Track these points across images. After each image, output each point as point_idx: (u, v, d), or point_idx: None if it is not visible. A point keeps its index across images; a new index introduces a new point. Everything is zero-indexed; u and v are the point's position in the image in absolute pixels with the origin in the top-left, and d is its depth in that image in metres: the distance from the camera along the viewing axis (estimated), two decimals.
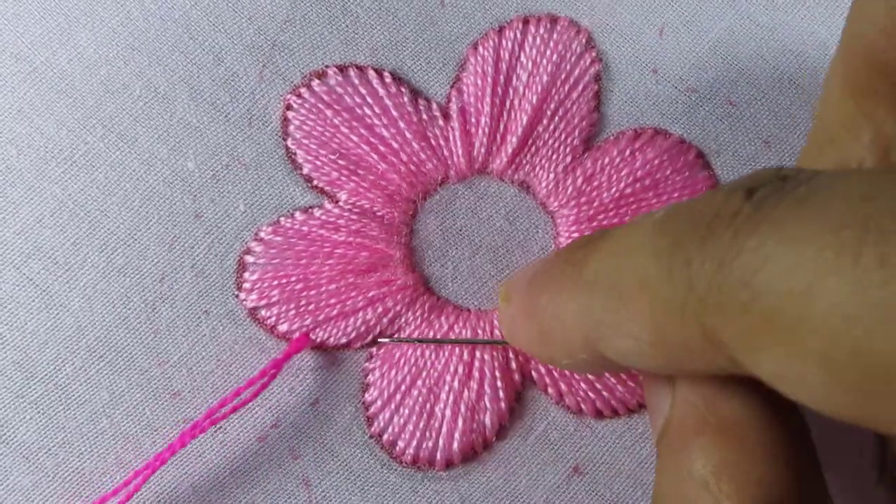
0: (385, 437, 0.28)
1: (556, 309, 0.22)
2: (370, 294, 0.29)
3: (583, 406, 0.29)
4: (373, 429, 0.28)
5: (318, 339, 0.28)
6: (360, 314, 0.29)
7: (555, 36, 0.31)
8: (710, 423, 0.20)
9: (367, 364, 0.29)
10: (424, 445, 0.28)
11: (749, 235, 0.16)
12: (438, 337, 0.29)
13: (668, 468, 0.20)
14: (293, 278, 0.29)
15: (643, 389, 0.25)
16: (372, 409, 0.28)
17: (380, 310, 0.29)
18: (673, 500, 0.20)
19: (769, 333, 0.15)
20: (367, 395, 0.29)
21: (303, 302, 0.28)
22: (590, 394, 0.29)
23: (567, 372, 0.29)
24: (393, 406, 0.28)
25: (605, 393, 0.29)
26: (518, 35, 0.31)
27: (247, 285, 0.29)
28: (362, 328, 0.29)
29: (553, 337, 0.22)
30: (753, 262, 0.15)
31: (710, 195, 0.17)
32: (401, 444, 0.28)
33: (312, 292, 0.28)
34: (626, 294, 0.19)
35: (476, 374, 0.29)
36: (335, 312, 0.28)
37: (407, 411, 0.28)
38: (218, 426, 0.28)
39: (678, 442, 0.20)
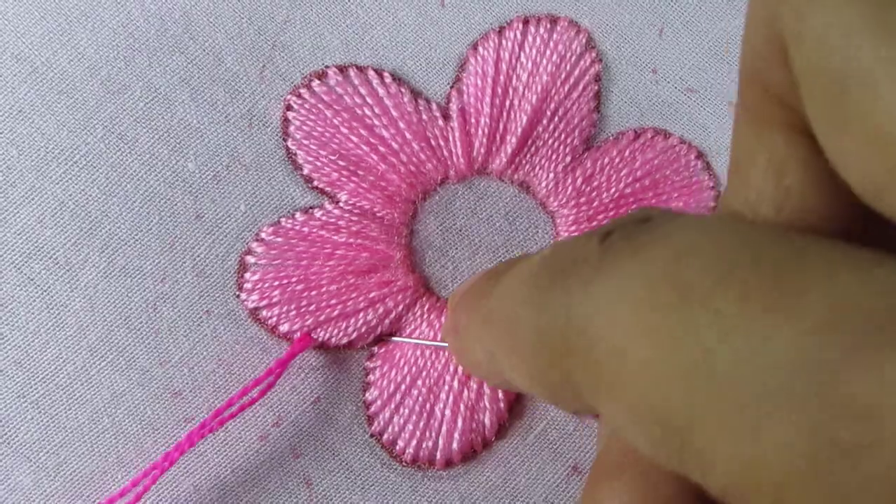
0: (385, 436, 0.28)
1: (469, 334, 0.22)
2: (371, 295, 0.29)
3: None
4: (373, 428, 0.28)
5: (320, 340, 0.29)
6: (362, 315, 0.29)
7: (555, 36, 0.31)
8: (626, 466, 0.19)
9: (368, 363, 0.29)
10: (424, 445, 0.28)
11: (589, 283, 0.16)
12: (440, 338, 0.29)
13: (589, 497, 0.20)
14: (294, 279, 0.29)
15: None
16: (372, 409, 0.29)
17: (381, 310, 0.29)
18: None
19: (600, 384, 0.15)
20: (367, 394, 0.29)
21: (304, 302, 0.29)
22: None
23: None
24: (393, 405, 0.29)
25: None
26: (518, 35, 0.31)
27: (248, 286, 0.29)
28: (363, 328, 0.29)
29: (469, 359, 0.23)
30: (589, 312, 0.15)
31: (579, 236, 0.17)
32: (401, 443, 0.28)
33: (313, 293, 0.29)
34: (509, 331, 0.19)
35: None
36: (336, 313, 0.29)
37: (407, 411, 0.29)
38: None
39: (597, 476, 0.20)
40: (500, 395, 0.29)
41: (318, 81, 0.30)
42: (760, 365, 0.12)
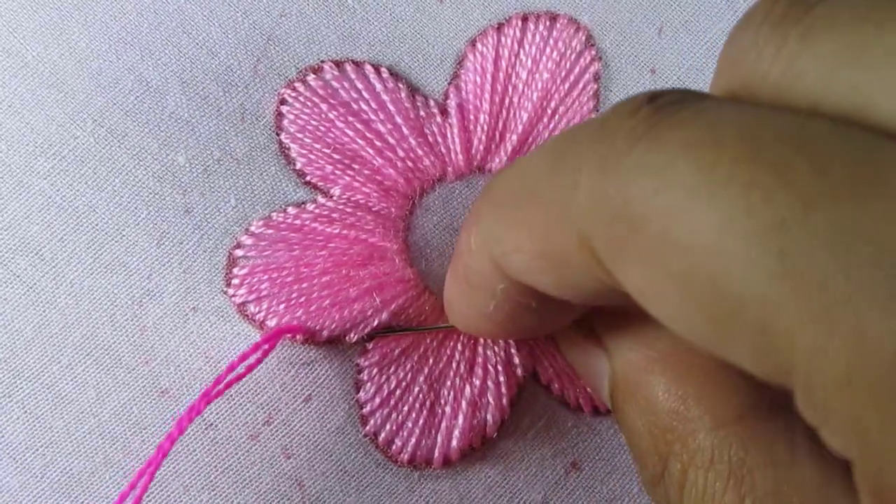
0: (381, 435, 0.28)
1: (469, 240, 0.21)
2: (365, 285, 0.28)
3: (581, 402, 0.28)
4: (367, 427, 0.28)
5: (312, 329, 0.27)
6: (355, 305, 0.28)
7: (554, 33, 0.30)
8: (656, 359, 0.19)
9: (360, 360, 0.28)
10: (423, 443, 0.28)
11: (638, 138, 0.14)
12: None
13: (634, 412, 0.20)
14: (284, 271, 0.28)
15: (574, 365, 0.25)
16: (367, 408, 0.28)
17: (377, 301, 0.28)
18: (652, 436, 0.19)
19: (634, 245, 0.14)
20: (361, 393, 0.28)
21: (294, 294, 0.28)
22: (589, 390, 0.28)
23: (567, 369, 0.28)
24: (392, 403, 0.28)
25: None
26: (517, 32, 0.30)
27: (235, 280, 0.28)
28: (358, 320, 0.28)
29: (469, 273, 0.22)
30: (633, 167, 0.14)
31: (616, 105, 0.16)
32: (398, 442, 0.28)
33: (304, 284, 0.28)
34: (519, 205, 0.18)
35: (479, 370, 0.28)
36: (328, 303, 0.27)
37: (406, 408, 0.28)
38: (209, 423, 0.27)
39: (633, 386, 0.20)
40: (504, 390, 0.28)
41: (313, 76, 0.29)
42: (847, 253, 0.12)
